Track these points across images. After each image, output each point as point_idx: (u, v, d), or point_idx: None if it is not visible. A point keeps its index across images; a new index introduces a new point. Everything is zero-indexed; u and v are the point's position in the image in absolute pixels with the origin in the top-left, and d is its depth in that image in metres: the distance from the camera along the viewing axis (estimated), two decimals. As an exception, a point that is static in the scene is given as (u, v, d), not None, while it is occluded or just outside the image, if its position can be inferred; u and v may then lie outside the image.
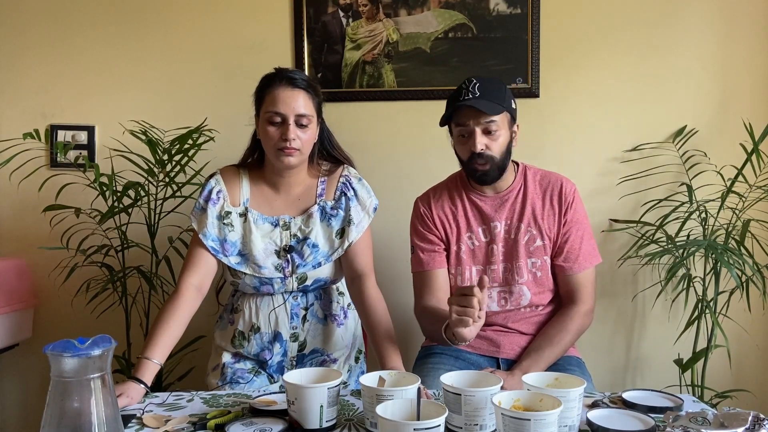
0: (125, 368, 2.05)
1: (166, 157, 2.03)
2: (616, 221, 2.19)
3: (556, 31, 2.17)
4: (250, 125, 1.59)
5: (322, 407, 1.10)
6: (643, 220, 2.11)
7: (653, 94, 2.18)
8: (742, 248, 1.95)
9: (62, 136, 2.24)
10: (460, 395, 1.08)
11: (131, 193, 2.02)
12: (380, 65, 2.21)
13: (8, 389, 2.33)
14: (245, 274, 1.54)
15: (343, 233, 1.57)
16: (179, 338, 1.45)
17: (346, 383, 1.61)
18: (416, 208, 1.71)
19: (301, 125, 1.47)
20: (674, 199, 2.12)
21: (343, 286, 1.67)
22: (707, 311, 1.99)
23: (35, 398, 2.31)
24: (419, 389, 1.06)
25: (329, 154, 1.64)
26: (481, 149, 1.52)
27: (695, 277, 2.06)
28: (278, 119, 1.47)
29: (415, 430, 0.94)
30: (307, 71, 2.20)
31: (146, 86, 2.25)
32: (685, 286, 2.00)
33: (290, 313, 1.59)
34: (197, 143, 2.04)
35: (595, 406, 1.21)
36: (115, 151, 2.11)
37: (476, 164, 1.54)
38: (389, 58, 2.21)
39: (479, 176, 1.57)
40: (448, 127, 1.61)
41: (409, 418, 1.00)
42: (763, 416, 1.01)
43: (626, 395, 1.25)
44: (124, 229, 2.09)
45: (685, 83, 2.17)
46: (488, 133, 1.52)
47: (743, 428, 0.98)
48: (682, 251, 1.98)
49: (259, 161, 1.61)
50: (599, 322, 2.11)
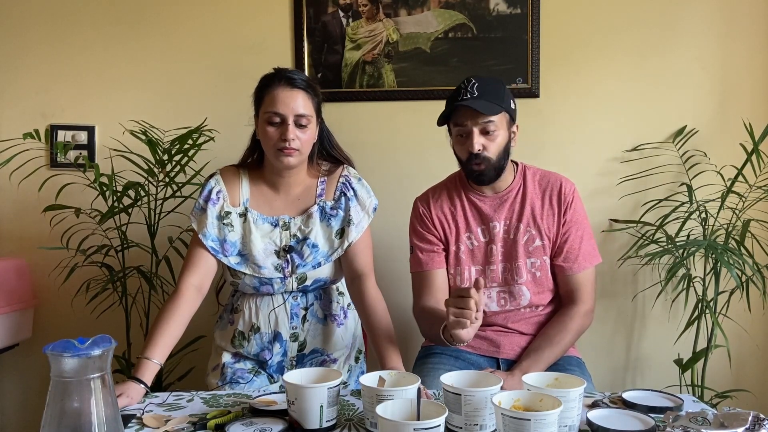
0: (125, 368, 2.05)
1: (166, 157, 2.03)
2: (616, 221, 2.19)
3: (556, 31, 2.17)
4: (249, 125, 1.59)
5: (322, 407, 1.10)
6: (643, 220, 2.11)
7: (653, 94, 2.18)
8: (742, 248, 1.95)
9: (62, 136, 2.24)
10: (460, 395, 1.07)
11: (131, 193, 2.02)
12: (380, 65, 2.21)
13: (8, 389, 2.33)
14: (245, 274, 1.54)
15: (342, 233, 1.57)
16: (179, 338, 1.45)
17: (346, 383, 1.61)
18: (415, 208, 1.70)
19: (300, 125, 1.47)
20: (674, 199, 2.12)
21: (343, 286, 1.67)
22: (707, 311, 1.99)
23: (35, 398, 2.31)
24: (419, 389, 1.06)
25: (329, 154, 1.64)
26: (478, 149, 1.52)
27: (695, 277, 2.06)
28: (277, 119, 1.47)
29: (415, 430, 0.94)
30: (307, 71, 2.20)
31: (146, 86, 2.25)
32: (685, 286, 2.00)
33: (290, 313, 1.59)
34: (197, 143, 2.04)
35: (595, 406, 1.21)
36: (115, 151, 2.11)
37: (474, 164, 1.54)
38: (389, 58, 2.21)
39: (476, 176, 1.57)
40: (447, 126, 1.61)
41: (409, 418, 1.00)
42: (763, 416, 1.01)
43: (626, 395, 1.25)
44: (124, 229, 2.09)
45: (685, 83, 2.17)
46: (486, 133, 1.52)
47: (743, 428, 0.98)
48: (682, 251, 1.98)
49: (258, 161, 1.61)
50: (599, 322, 2.11)
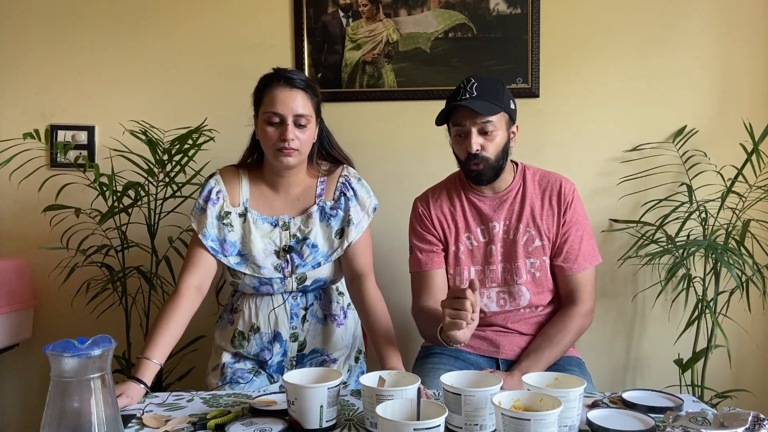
0: (125, 368, 2.05)
1: (166, 157, 2.03)
2: (616, 221, 2.19)
3: (556, 31, 2.17)
4: (249, 125, 1.58)
5: (322, 407, 1.10)
6: (643, 220, 2.11)
7: (653, 94, 2.18)
8: (742, 248, 1.95)
9: (62, 136, 2.24)
10: (460, 395, 1.07)
11: (131, 193, 2.02)
12: (380, 65, 2.21)
13: (8, 389, 2.33)
14: (245, 274, 1.54)
15: (342, 233, 1.56)
16: (179, 338, 1.45)
17: (346, 383, 1.61)
18: (415, 208, 1.70)
19: (299, 125, 1.47)
20: (674, 199, 2.12)
21: (342, 286, 1.67)
22: (707, 311, 1.99)
23: (35, 398, 2.31)
24: (419, 389, 1.06)
25: (328, 154, 1.64)
26: (476, 149, 1.52)
27: (695, 277, 2.06)
28: (277, 119, 1.47)
29: (415, 430, 0.94)
30: (307, 71, 2.20)
31: (146, 86, 2.25)
32: (685, 286, 2.00)
33: (290, 313, 1.59)
34: (197, 143, 2.04)
35: (595, 406, 1.21)
36: (115, 151, 2.11)
37: (472, 164, 1.54)
38: (389, 58, 2.20)
39: (474, 176, 1.57)
40: (446, 126, 1.61)
41: (409, 418, 1.00)
42: (763, 416, 1.01)
43: (626, 395, 1.24)
44: (124, 229, 2.09)
45: (685, 83, 2.17)
46: (484, 133, 1.52)
47: (743, 428, 0.98)
48: (682, 251, 1.98)
49: (258, 161, 1.61)
50: (599, 322, 2.11)
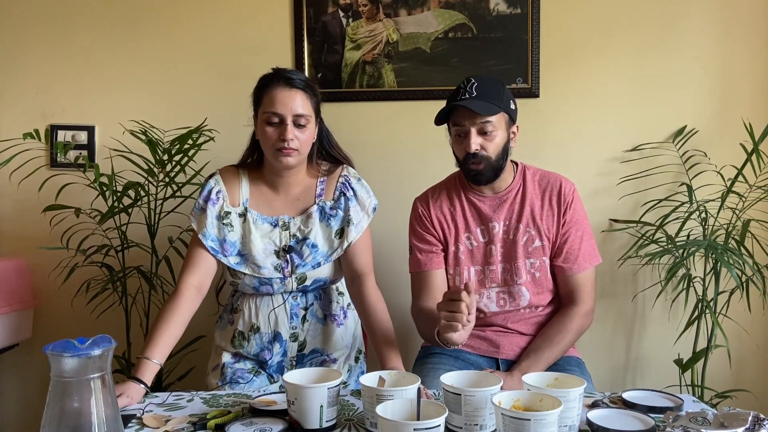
0: (125, 368, 2.05)
1: (166, 157, 2.03)
2: (616, 221, 2.19)
3: (556, 31, 2.17)
4: (249, 126, 1.58)
5: (322, 407, 1.10)
6: (643, 220, 2.11)
7: (653, 94, 2.18)
8: (742, 248, 1.95)
9: (62, 136, 2.24)
10: (460, 395, 1.07)
11: (131, 193, 2.02)
12: (380, 65, 2.21)
13: (8, 389, 2.33)
14: (245, 274, 1.54)
15: (342, 233, 1.56)
16: (179, 338, 1.45)
17: (346, 383, 1.61)
18: (415, 208, 1.70)
19: (299, 125, 1.47)
20: (674, 199, 2.12)
21: (342, 286, 1.67)
22: (707, 311, 1.99)
23: (35, 398, 2.31)
24: (419, 389, 1.06)
25: (328, 153, 1.64)
26: (475, 149, 1.52)
27: (695, 277, 2.06)
28: (276, 120, 1.47)
29: (415, 430, 0.94)
30: (307, 71, 2.20)
31: (146, 86, 2.25)
32: (685, 286, 2.00)
33: (290, 313, 1.59)
34: (197, 143, 2.04)
35: (595, 406, 1.21)
36: (115, 151, 2.11)
37: (471, 164, 1.54)
38: (389, 58, 2.20)
39: (473, 176, 1.57)
40: (447, 126, 1.61)
41: (409, 418, 1.00)
42: (763, 416, 1.01)
43: (626, 395, 1.24)
44: (124, 229, 2.09)
45: (684, 83, 2.17)
46: (484, 133, 1.52)
47: (743, 428, 0.98)
48: (682, 251, 1.98)
49: (258, 162, 1.61)
50: (599, 322, 2.11)
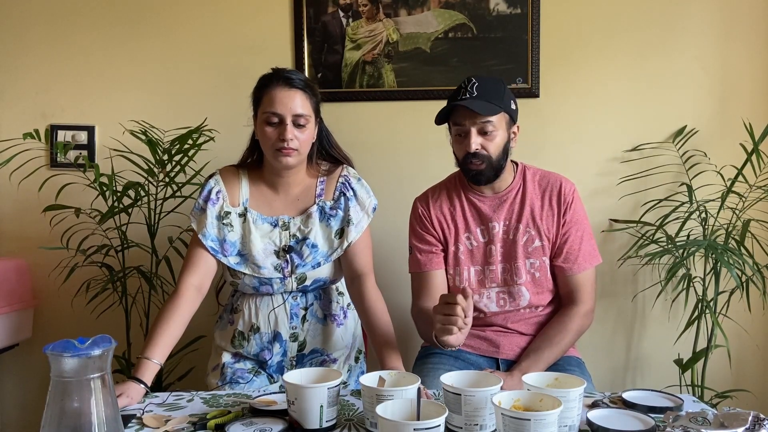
0: (125, 368, 2.05)
1: (166, 157, 2.03)
2: (616, 221, 2.19)
3: (556, 31, 2.17)
4: (249, 126, 1.58)
5: (322, 407, 1.10)
6: (643, 220, 2.11)
7: (653, 94, 2.18)
8: (742, 248, 1.95)
9: (62, 136, 2.24)
10: (460, 395, 1.07)
11: (131, 193, 2.02)
12: (380, 65, 2.21)
13: (8, 389, 2.33)
14: (245, 274, 1.54)
15: (342, 233, 1.56)
16: (179, 338, 1.45)
17: (346, 383, 1.61)
18: (415, 208, 1.70)
19: (298, 125, 1.47)
20: (674, 199, 2.12)
21: (342, 286, 1.67)
22: (707, 311, 1.99)
23: (35, 398, 2.31)
24: (419, 389, 1.06)
25: (328, 153, 1.64)
26: (475, 149, 1.52)
27: (695, 277, 2.06)
28: (276, 120, 1.47)
29: (415, 430, 0.94)
30: (307, 71, 2.20)
31: (146, 86, 2.25)
32: (685, 286, 2.00)
33: (290, 313, 1.59)
34: (197, 143, 2.04)
35: (595, 406, 1.21)
36: (115, 151, 2.11)
37: (471, 164, 1.54)
38: (389, 58, 2.20)
39: (473, 175, 1.57)
40: (447, 125, 1.61)
41: (409, 418, 1.00)
42: (763, 416, 1.01)
43: (626, 395, 1.24)
44: (124, 229, 2.09)
45: (684, 83, 2.17)
46: (484, 133, 1.52)
47: (743, 428, 0.98)
48: (682, 251, 1.98)
49: (258, 162, 1.61)
50: (599, 322, 2.11)
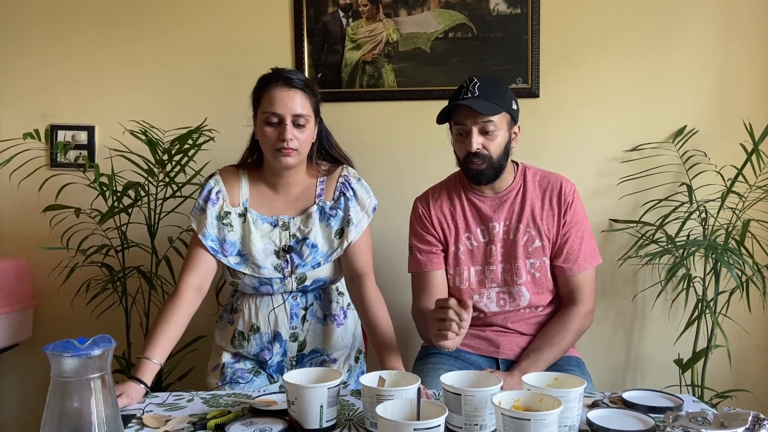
0: (125, 368, 2.05)
1: (166, 157, 2.03)
2: (616, 221, 2.19)
3: (556, 31, 2.17)
4: (249, 126, 1.58)
5: (322, 407, 1.10)
6: (643, 220, 2.11)
7: (653, 94, 2.18)
8: (742, 248, 1.95)
9: (62, 136, 2.24)
10: (460, 395, 1.07)
11: (131, 193, 2.02)
12: (380, 65, 2.21)
13: (8, 389, 2.33)
14: (244, 274, 1.54)
15: (342, 233, 1.56)
16: (179, 338, 1.45)
17: (346, 383, 1.61)
18: (415, 208, 1.70)
19: (298, 125, 1.47)
20: (674, 199, 2.12)
21: (342, 286, 1.67)
22: (707, 311, 1.99)
23: (35, 398, 2.31)
24: (419, 389, 1.06)
25: (328, 153, 1.64)
26: (476, 149, 1.52)
27: (695, 277, 2.06)
28: (275, 120, 1.47)
29: (415, 430, 0.94)
30: (307, 71, 2.20)
31: (146, 86, 2.25)
32: (685, 286, 2.00)
33: (290, 313, 1.59)
34: (197, 143, 2.04)
35: (595, 406, 1.21)
36: (115, 151, 2.11)
37: (472, 163, 1.54)
38: (389, 58, 2.20)
39: (474, 175, 1.57)
40: (449, 125, 1.61)
41: (409, 418, 1.00)
42: (763, 416, 1.01)
43: (626, 395, 1.25)
44: (124, 229, 2.09)
45: (685, 83, 2.17)
46: (485, 133, 1.52)
47: (743, 428, 0.98)
48: (682, 251, 1.98)
49: (258, 162, 1.61)
50: (599, 322, 2.11)
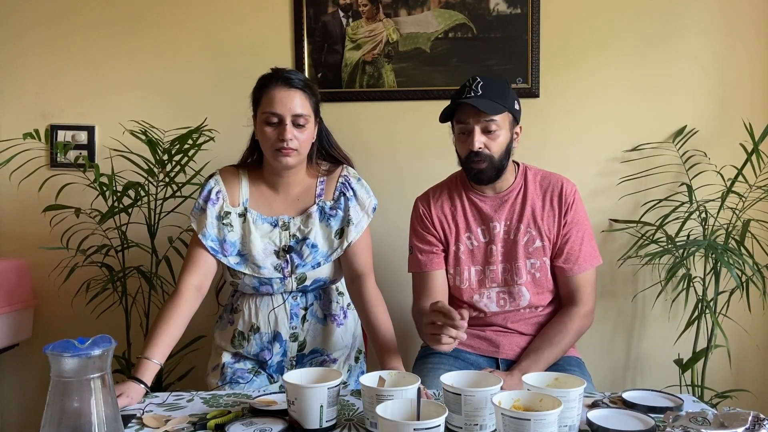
0: (125, 368, 2.05)
1: (166, 157, 2.03)
2: (616, 221, 2.19)
3: (556, 31, 2.17)
4: (249, 126, 1.58)
5: (322, 407, 1.10)
6: (643, 220, 2.11)
7: (653, 94, 2.18)
8: (742, 248, 1.95)
9: (62, 136, 2.24)
10: (460, 395, 1.08)
11: (131, 193, 2.02)
12: (380, 65, 2.21)
13: (8, 389, 2.33)
14: (244, 274, 1.54)
15: (342, 233, 1.56)
16: (179, 338, 1.45)
17: (346, 383, 1.61)
18: (416, 208, 1.70)
19: (298, 125, 1.47)
20: (674, 199, 2.12)
21: (342, 286, 1.67)
22: (707, 311, 1.99)
23: (35, 398, 2.31)
24: (419, 389, 1.06)
25: (328, 153, 1.64)
26: (479, 147, 1.52)
27: (695, 277, 2.06)
28: (275, 120, 1.47)
29: (415, 430, 0.94)
30: (307, 71, 2.20)
31: (146, 86, 2.25)
32: (685, 286, 2.00)
33: (290, 313, 1.59)
34: (197, 143, 2.04)
35: (595, 406, 1.21)
36: (115, 151, 2.11)
37: (473, 163, 1.54)
38: (389, 58, 2.20)
39: (475, 174, 1.57)
40: (450, 124, 1.61)
41: (409, 418, 1.00)
42: (763, 416, 1.01)
43: (626, 395, 1.25)
44: (124, 229, 2.09)
45: (685, 83, 2.17)
46: (488, 132, 1.52)
47: (743, 428, 0.98)
48: (682, 251, 1.98)
49: (258, 162, 1.61)
50: (599, 322, 2.11)
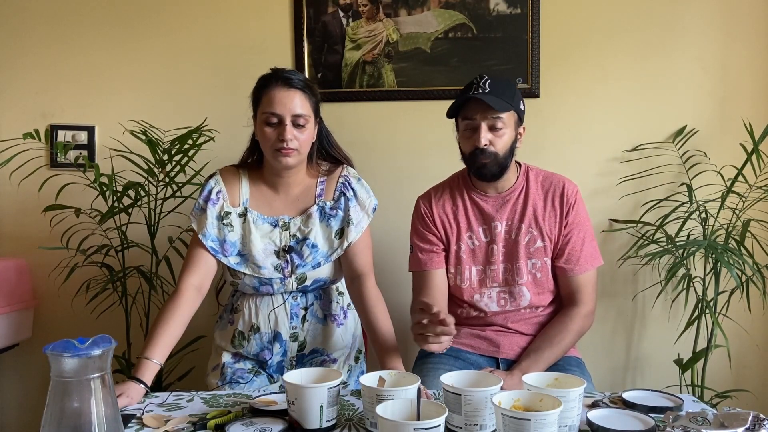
0: (125, 368, 2.05)
1: (166, 157, 2.03)
2: (616, 221, 2.19)
3: (556, 31, 2.17)
4: (249, 126, 1.58)
5: (322, 407, 1.10)
6: (643, 220, 2.11)
7: (653, 94, 2.18)
8: (742, 248, 1.95)
9: (62, 136, 2.24)
10: (460, 395, 1.08)
11: (131, 193, 2.02)
12: (380, 65, 2.21)
13: (8, 389, 2.33)
14: (245, 274, 1.54)
15: (342, 233, 1.56)
16: (179, 338, 1.45)
17: (346, 383, 1.61)
18: (417, 206, 1.70)
19: (298, 125, 1.47)
20: (674, 199, 2.12)
21: (342, 286, 1.67)
22: (707, 311, 1.99)
23: (35, 398, 2.31)
24: (419, 389, 1.06)
25: (328, 153, 1.64)
26: (484, 144, 1.52)
27: (695, 277, 2.06)
28: (275, 120, 1.47)
29: (415, 430, 0.94)
30: (307, 71, 2.20)
31: (146, 86, 2.25)
32: (685, 286, 2.00)
33: (290, 313, 1.59)
34: (197, 143, 2.04)
35: (595, 406, 1.21)
36: (115, 151, 2.11)
37: (477, 158, 1.54)
38: (389, 58, 2.20)
39: (478, 168, 1.56)
40: (455, 121, 1.61)
41: (409, 418, 1.00)
42: (763, 416, 1.01)
43: (626, 395, 1.25)
44: (124, 229, 2.09)
45: (685, 83, 2.17)
46: (494, 129, 1.52)
47: (743, 428, 0.98)
48: (682, 251, 1.98)
49: (258, 162, 1.61)
50: (599, 322, 2.11)
